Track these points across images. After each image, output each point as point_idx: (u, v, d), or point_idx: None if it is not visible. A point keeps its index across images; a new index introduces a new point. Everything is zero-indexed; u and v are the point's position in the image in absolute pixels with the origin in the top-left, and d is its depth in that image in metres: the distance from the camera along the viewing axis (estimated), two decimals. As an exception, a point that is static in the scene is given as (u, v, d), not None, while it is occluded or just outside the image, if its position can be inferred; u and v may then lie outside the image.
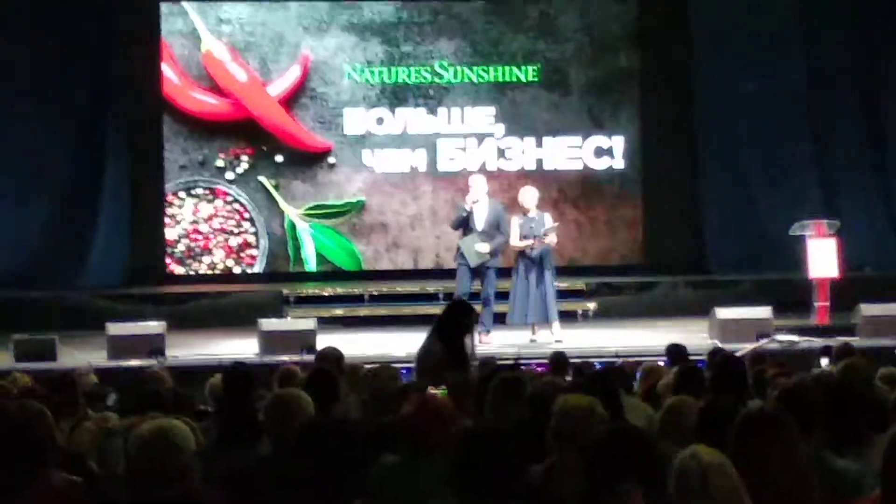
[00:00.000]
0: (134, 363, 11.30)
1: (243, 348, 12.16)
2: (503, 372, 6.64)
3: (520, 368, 8.72)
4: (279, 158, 16.48)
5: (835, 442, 4.92)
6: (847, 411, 5.07)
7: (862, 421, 5.03)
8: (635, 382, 8.03)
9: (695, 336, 12.17)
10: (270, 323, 12.42)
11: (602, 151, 16.87)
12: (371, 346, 12.23)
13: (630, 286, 15.90)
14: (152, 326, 12.13)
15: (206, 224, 16.49)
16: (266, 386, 7.24)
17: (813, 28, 16.58)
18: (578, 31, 16.87)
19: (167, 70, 16.32)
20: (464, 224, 12.68)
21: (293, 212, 16.51)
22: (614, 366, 8.80)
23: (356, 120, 16.60)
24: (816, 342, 11.54)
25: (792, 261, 13.92)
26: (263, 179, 16.48)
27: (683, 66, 16.75)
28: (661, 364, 8.64)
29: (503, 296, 12.81)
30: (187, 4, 16.45)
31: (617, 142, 16.87)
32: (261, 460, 5.06)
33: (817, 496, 4.25)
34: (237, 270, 16.56)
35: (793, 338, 12.04)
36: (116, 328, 12.03)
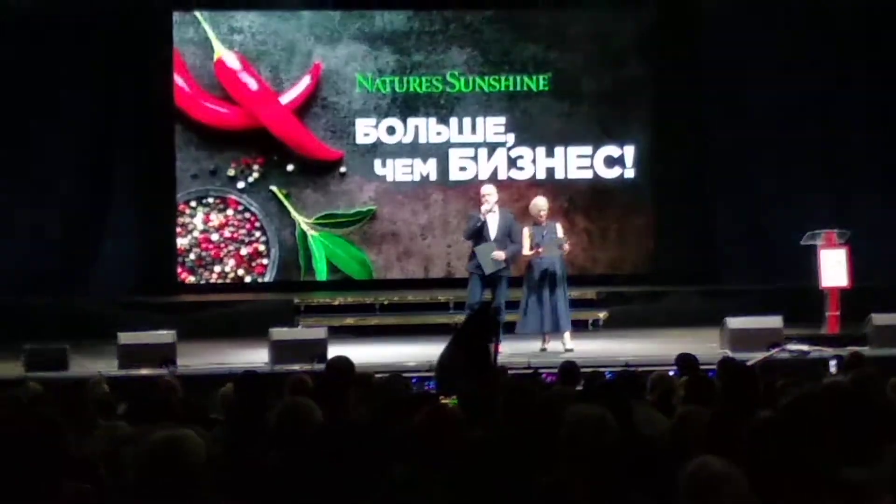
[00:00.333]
0: (145, 372, 11.31)
1: (254, 357, 12.16)
2: (513, 381, 6.63)
3: (541, 377, 8.69)
4: (290, 167, 16.50)
5: (845, 451, 4.91)
6: (858, 420, 5.06)
7: (872, 430, 5.02)
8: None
9: (705, 345, 12.13)
10: (281, 332, 12.36)
11: (613, 161, 16.87)
12: (382, 356, 12.25)
13: (641, 295, 15.89)
14: (163, 335, 12.12)
15: (218, 233, 16.52)
16: (277, 395, 7.23)
17: (826, 39, 16.57)
18: (589, 41, 16.88)
19: (179, 79, 16.36)
20: (477, 234, 12.68)
21: (304, 221, 16.52)
22: (626, 373, 8.77)
23: (367, 129, 16.62)
24: (827, 352, 11.53)
25: (803, 270, 13.90)
26: (274, 188, 16.50)
27: (694, 76, 16.75)
28: (671, 374, 8.63)
29: (511, 305, 12.81)
30: (199, 14, 16.49)
31: (628, 151, 16.86)
32: (272, 469, 5.07)
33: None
34: (248, 279, 16.58)
35: (804, 347, 12.02)
36: (127, 337, 12.02)
